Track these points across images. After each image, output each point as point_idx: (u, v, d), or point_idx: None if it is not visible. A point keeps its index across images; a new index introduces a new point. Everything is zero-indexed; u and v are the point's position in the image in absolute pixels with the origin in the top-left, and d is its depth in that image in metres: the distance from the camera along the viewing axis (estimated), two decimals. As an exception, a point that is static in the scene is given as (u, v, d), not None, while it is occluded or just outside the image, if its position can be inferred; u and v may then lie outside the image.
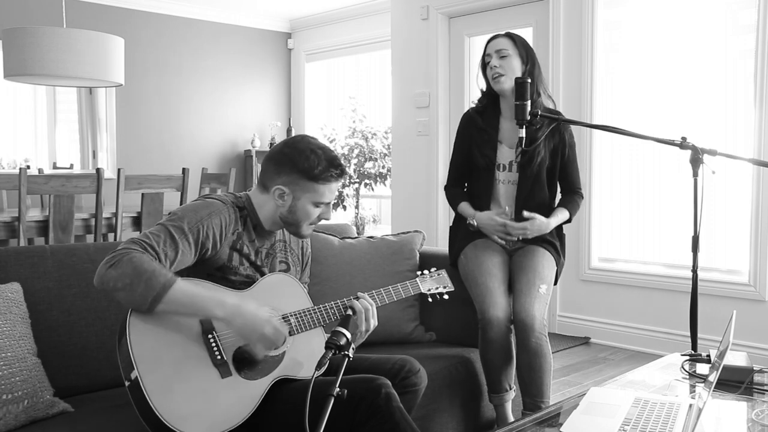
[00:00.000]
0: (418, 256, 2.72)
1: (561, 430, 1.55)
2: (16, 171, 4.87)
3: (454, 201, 2.74)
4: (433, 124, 5.31)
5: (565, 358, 4.10)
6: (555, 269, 2.61)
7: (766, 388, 1.84)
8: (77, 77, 4.33)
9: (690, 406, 1.64)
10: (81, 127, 6.60)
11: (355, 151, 6.92)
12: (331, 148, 1.95)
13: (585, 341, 4.48)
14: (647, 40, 4.26)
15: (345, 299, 1.94)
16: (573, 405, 1.71)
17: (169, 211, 4.44)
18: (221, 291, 1.77)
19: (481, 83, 2.71)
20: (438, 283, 2.20)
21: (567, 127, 2.65)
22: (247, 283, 1.86)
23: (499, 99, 2.67)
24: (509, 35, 2.63)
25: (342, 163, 1.90)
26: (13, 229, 3.91)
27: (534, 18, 4.76)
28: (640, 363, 3.52)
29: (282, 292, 1.91)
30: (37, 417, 1.75)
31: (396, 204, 5.68)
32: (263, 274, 1.92)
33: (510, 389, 2.50)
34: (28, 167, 5.30)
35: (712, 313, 3.86)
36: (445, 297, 2.20)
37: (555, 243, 2.65)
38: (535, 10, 4.76)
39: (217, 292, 1.72)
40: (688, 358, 2.12)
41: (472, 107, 2.77)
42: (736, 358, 1.94)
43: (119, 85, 4.73)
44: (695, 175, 2.11)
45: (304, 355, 1.86)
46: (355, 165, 6.92)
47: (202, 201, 1.85)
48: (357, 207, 7.04)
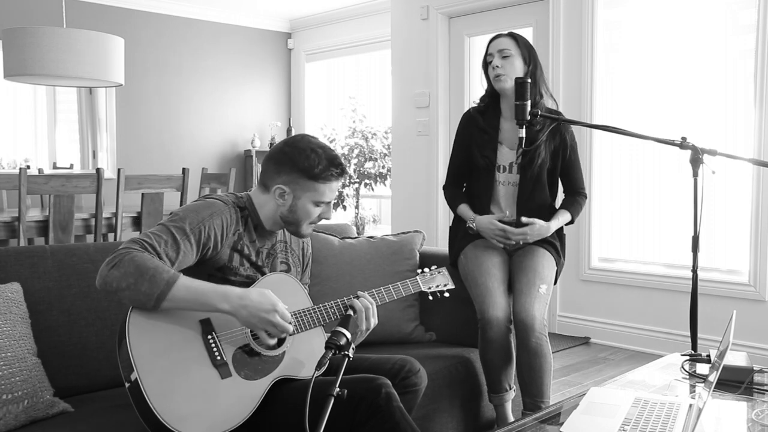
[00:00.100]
0: (418, 256, 2.72)
1: (561, 430, 1.55)
2: (16, 171, 4.87)
3: (453, 202, 2.73)
4: (433, 124, 5.31)
5: (565, 358, 4.10)
6: (555, 269, 2.60)
7: (766, 388, 1.84)
8: (77, 77, 4.33)
9: (690, 406, 1.64)
10: (81, 127, 6.60)
11: (355, 151, 6.92)
12: (332, 148, 1.95)
13: (585, 341, 4.48)
14: (647, 40, 4.26)
15: (345, 298, 1.94)
16: (573, 405, 1.71)
17: (170, 211, 4.46)
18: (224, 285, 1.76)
19: (484, 82, 2.70)
20: (439, 281, 2.19)
21: (568, 128, 2.64)
22: (247, 284, 1.86)
23: (500, 100, 2.67)
24: (512, 35, 2.61)
25: (342, 162, 1.90)
26: (13, 229, 3.91)
27: (534, 18, 4.76)
28: (640, 363, 3.52)
29: (282, 292, 1.90)
30: (37, 417, 1.75)
31: (396, 204, 5.68)
32: (264, 275, 1.91)
33: (510, 389, 2.50)
34: (28, 167, 5.30)
35: (712, 313, 3.86)
36: (446, 295, 2.19)
37: (555, 243, 2.64)
38: (535, 10, 4.76)
39: (219, 286, 1.72)
40: (688, 358, 2.12)
41: (473, 107, 2.76)
42: (736, 358, 1.94)
43: (119, 85, 4.73)
44: (695, 175, 2.11)
45: (304, 355, 1.86)
46: (355, 165, 6.92)
47: (203, 201, 1.85)
48: (357, 207, 7.04)
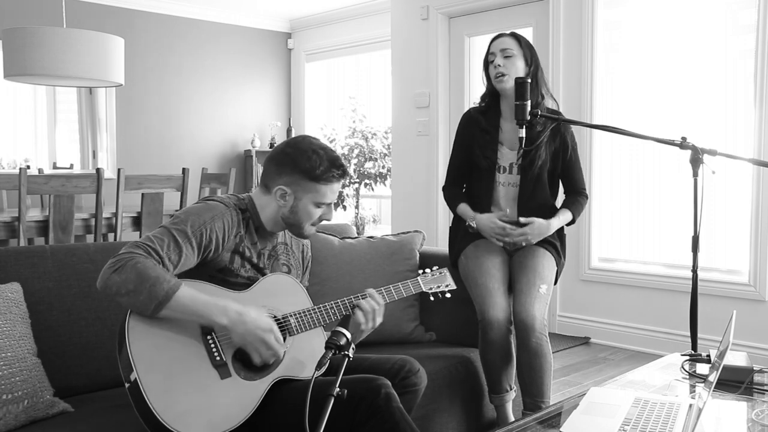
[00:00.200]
0: (418, 256, 2.72)
1: (561, 430, 1.55)
2: (16, 171, 4.87)
3: (453, 202, 2.71)
4: (433, 124, 5.31)
5: (565, 358, 4.10)
6: (555, 269, 2.60)
7: (766, 388, 1.84)
8: (77, 77, 4.33)
9: (690, 406, 1.64)
10: (81, 127, 6.60)
11: (355, 151, 6.92)
12: (333, 149, 1.94)
13: (585, 341, 4.48)
14: (647, 40, 4.26)
15: (353, 297, 1.94)
16: (573, 405, 1.71)
17: (172, 213, 4.47)
18: (224, 297, 1.76)
19: (485, 81, 2.69)
20: (440, 281, 2.18)
21: (568, 128, 2.64)
22: (248, 285, 1.86)
23: (500, 99, 2.66)
24: (514, 35, 2.61)
25: (344, 163, 1.90)
26: (13, 229, 3.91)
27: (534, 18, 4.76)
28: (640, 363, 3.52)
29: (282, 292, 1.91)
30: (37, 417, 1.75)
31: (396, 204, 5.68)
32: (264, 276, 1.91)
33: (510, 389, 2.50)
34: (28, 167, 5.30)
35: (712, 313, 3.85)
36: (447, 296, 2.18)
37: (555, 243, 2.64)
38: (535, 10, 4.76)
39: (219, 299, 1.71)
40: (688, 358, 2.12)
41: (473, 107, 2.76)
42: (736, 358, 1.93)
43: (119, 85, 4.73)
44: (695, 175, 2.11)
45: (304, 355, 1.86)
46: (355, 165, 6.92)
47: (204, 204, 1.85)
48: (357, 207, 7.04)
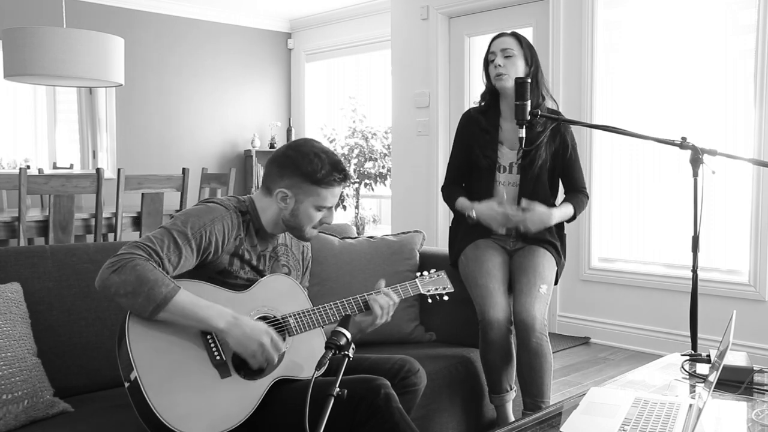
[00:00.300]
0: (418, 256, 2.72)
1: (561, 430, 1.55)
2: (16, 171, 4.87)
3: (451, 198, 2.69)
4: (433, 124, 5.31)
5: (565, 358, 4.10)
6: (555, 269, 2.60)
7: (766, 388, 1.84)
8: (77, 77, 4.33)
9: (690, 406, 1.64)
10: (81, 127, 6.60)
11: (355, 151, 6.92)
12: (335, 152, 1.94)
13: (585, 341, 4.48)
14: (647, 40, 4.26)
15: (366, 294, 1.96)
16: (573, 405, 1.71)
17: (172, 213, 4.47)
18: (222, 301, 1.75)
19: (485, 80, 2.68)
20: (438, 284, 2.19)
21: (568, 127, 2.64)
22: (247, 287, 1.86)
23: (499, 99, 2.66)
24: (515, 35, 2.61)
25: (346, 167, 1.89)
26: (13, 229, 3.91)
27: (534, 18, 4.76)
28: (640, 363, 3.52)
29: (281, 293, 1.91)
30: (37, 417, 1.75)
31: (396, 204, 5.68)
32: (263, 276, 1.91)
33: (510, 389, 2.50)
34: (28, 167, 5.30)
35: (712, 313, 3.85)
36: (445, 298, 2.19)
37: (555, 243, 2.64)
38: (535, 10, 4.76)
39: (217, 305, 1.71)
40: (688, 358, 2.12)
41: (473, 107, 2.76)
42: (736, 358, 1.93)
43: (119, 85, 4.73)
44: (695, 175, 2.11)
45: (303, 355, 1.86)
46: (355, 165, 6.92)
47: (204, 206, 1.85)
48: (357, 207, 7.04)
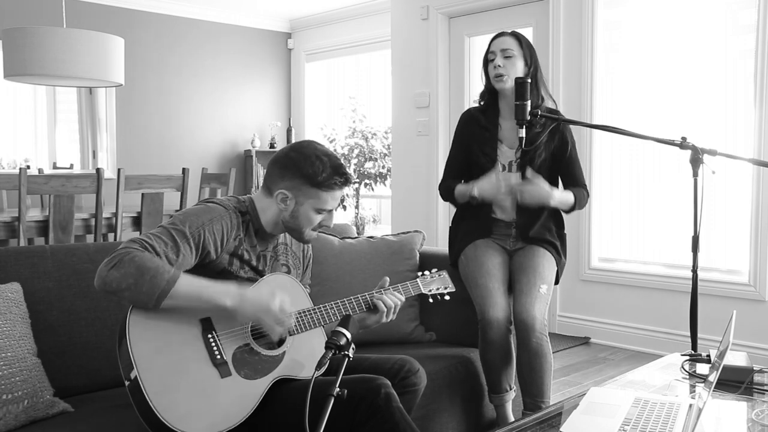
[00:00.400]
0: (418, 256, 2.72)
1: (561, 430, 1.55)
2: (16, 171, 4.87)
3: (448, 190, 2.66)
4: (433, 124, 5.31)
5: (565, 358, 4.10)
6: (555, 269, 2.60)
7: (766, 388, 1.84)
8: (77, 77, 4.33)
9: (690, 406, 1.64)
10: (81, 127, 6.60)
11: (355, 151, 6.92)
12: (338, 155, 1.93)
13: (585, 341, 4.48)
14: (647, 40, 4.26)
15: (368, 293, 1.96)
16: (573, 405, 1.71)
17: (171, 213, 4.46)
18: (223, 282, 1.77)
19: (484, 79, 2.68)
20: (439, 283, 2.19)
21: (567, 126, 2.64)
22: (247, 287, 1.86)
23: (498, 99, 2.66)
24: (515, 35, 2.61)
25: (347, 171, 1.89)
26: (13, 229, 3.91)
27: (534, 18, 4.76)
28: (640, 363, 3.52)
29: (281, 292, 1.90)
30: (37, 417, 1.75)
31: (396, 204, 5.68)
32: (264, 276, 1.91)
33: (510, 389, 2.50)
34: (28, 167, 5.30)
35: (712, 313, 3.85)
36: (446, 298, 2.19)
37: (555, 243, 2.64)
38: (535, 10, 4.76)
39: (219, 284, 1.72)
40: (688, 358, 2.12)
41: (473, 106, 2.76)
42: (736, 358, 1.94)
43: (119, 85, 4.73)
44: (695, 175, 2.11)
45: (304, 355, 1.86)
46: (355, 165, 6.92)
47: (204, 206, 1.84)
48: (357, 207, 7.04)
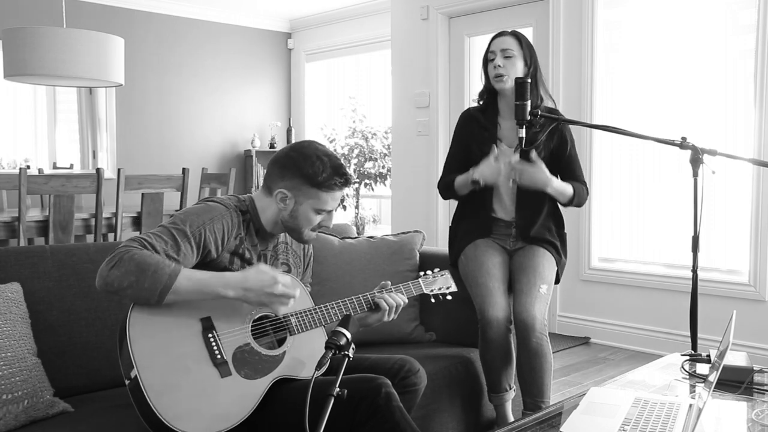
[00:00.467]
0: (418, 256, 2.72)
1: (561, 430, 1.55)
2: (16, 171, 4.87)
3: (448, 184, 2.65)
4: (433, 124, 5.31)
5: (565, 358, 4.10)
6: (555, 269, 2.60)
7: (766, 388, 1.84)
8: (77, 77, 4.33)
9: (690, 406, 1.64)
10: (81, 127, 6.60)
11: (355, 151, 6.92)
12: (338, 156, 1.93)
13: (585, 341, 4.48)
14: (647, 40, 4.26)
15: (369, 293, 1.97)
16: (573, 405, 1.71)
17: (172, 213, 4.46)
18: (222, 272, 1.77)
19: (483, 78, 2.68)
20: (441, 283, 2.18)
21: (566, 124, 2.64)
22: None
23: (497, 98, 2.67)
24: (515, 35, 2.61)
25: (347, 172, 1.88)
26: (13, 229, 3.91)
27: (534, 18, 4.76)
28: (640, 363, 3.52)
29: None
30: (37, 417, 1.75)
31: (396, 204, 5.68)
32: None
33: (510, 389, 2.50)
34: (28, 167, 5.30)
35: (712, 313, 3.85)
36: (449, 298, 2.18)
37: (555, 243, 2.64)
38: (535, 10, 4.76)
39: (219, 275, 1.72)
40: (688, 358, 2.12)
41: (472, 106, 2.76)
42: (736, 358, 1.94)
43: (119, 85, 4.73)
44: (695, 175, 2.11)
45: (304, 354, 1.86)
46: (355, 165, 6.92)
47: (204, 205, 1.84)
48: (357, 207, 7.04)
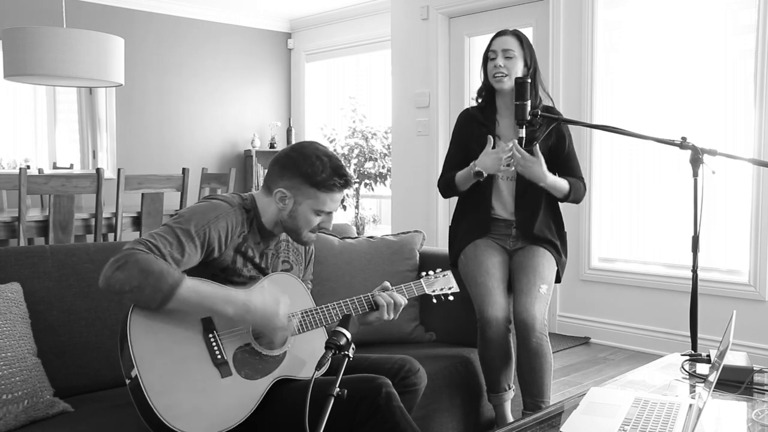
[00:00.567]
0: (418, 256, 2.72)
1: (561, 430, 1.55)
2: (16, 171, 4.87)
3: (448, 182, 2.64)
4: (433, 124, 5.31)
5: (565, 358, 4.10)
6: (555, 269, 2.60)
7: (766, 388, 1.84)
8: (77, 77, 4.33)
9: (690, 406, 1.64)
10: (81, 127, 6.60)
11: (355, 151, 6.92)
12: (339, 157, 1.93)
13: (585, 341, 4.48)
14: (647, 40, 4.26)
15: (370, 294, 1.97)
16: (573, 405, 1.71)
17: (172, 213, 4.46)
18: (228, 287, 1.76)
19: (482, 76, 2.68)
20: (443, 283, 2.17)
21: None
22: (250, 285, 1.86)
23: (495, 96, 2.67)
24: (517, 35, 2.61)
25: (348, 174, 1.88)
26: (13, 229, 3.91)
27: (534, 18, 4.76)
28: (640, 363, 3.52)
29: (284, 293, 1.90)
30: (37, 417, 1.75)
31: (396, 204, 5.68)
32: (266, 276, 1.91)
33: (509, 389, 2.50)
34: (28, 167, 5.30)
35: (712, 313, 3.85)
36: (450, 298, 2.18)
37: (555, 242, 2.64)
38: (535, 10, 4.76)
39: (223, 290, 1.72)
40: (688, 358, 2.12)
41: (471, 106, 2.76)
42: (736, 358, 1.94)
43: (119, 85, 4.73)
44: (695, 175, 2.12)
45: (305, 355, 1.86)
46: (355, 165, 6.92)
47: (209, 203, 1.84)
48: (357, 207, 7.04)
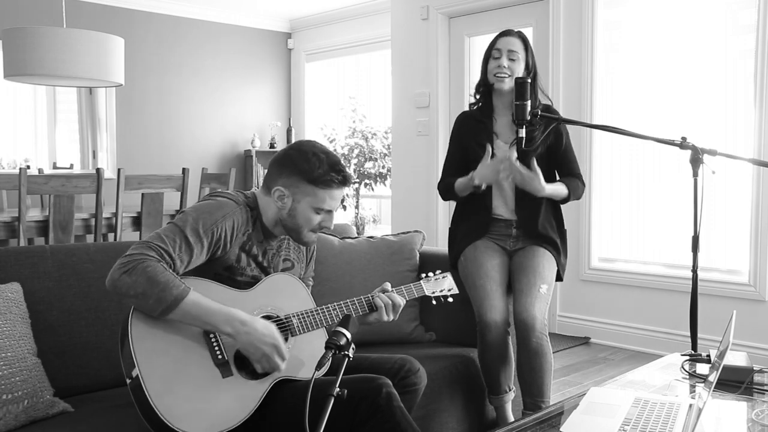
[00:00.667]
0: (418, 256, 2.72)
1: (561, 430, 1.55)
2: (16, 171, 4.86)
3: (448, 186, 2.65)
4: (433, 124, 5.31)
5: (565, 358, 4.10)
6: (555, 269, 2.60)
7: (766, 388, 1.84)
8: (77, 77, 4.33)
9: (690, 406, 1.64)
10: (81, 127, 6.60)
11: (355, 151, 6.93)
12: (338, 155, 1.93)
13: (585, 341, 4.48)
14: (647, 40, 4.26)
15: (370, 295, 1.97)
16: (573, 405, 1.71)
17: (172, 213, 4.46)
18: (228, 296, 1.76)
19: (481, 73, 2.68)
20: (443, 285, 2.17)
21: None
22: (252, 284, 1.86)
23: (492, 95, 2.67)
24: (521, 36, 2.62)
25: (346, 170, 1.88)
26: (13, 229, 3.91)
27: (534, 18, 4.76)
28: (640, 363, 3.52)
29: (284, 293, 1.91)
30: (37, 417, 1.75)
31: (396, 204, 5.68)
32: (268, 275, 1.91)
33: (509, 390, 2.50)
34: (28, 167, 5.30)
35: (712, 313, 3.85)
36: (450, 300, 2.18)
37: (556, 242, 2.63)
38: (535, 10, 4.76)
39: (226, 307, 1.71)
40: (688, 358, 2.12)
41: (468, 109, 2.77)
42: (736, 358, 1.94)
43: (119, 85, 4.73)
44: (695, 175, 2.11)
45: (305, 355, 1.86)
46: (355, 165, 6.92)
47: (215, 201, 1.84)
48: (357, 207, 7.04)
